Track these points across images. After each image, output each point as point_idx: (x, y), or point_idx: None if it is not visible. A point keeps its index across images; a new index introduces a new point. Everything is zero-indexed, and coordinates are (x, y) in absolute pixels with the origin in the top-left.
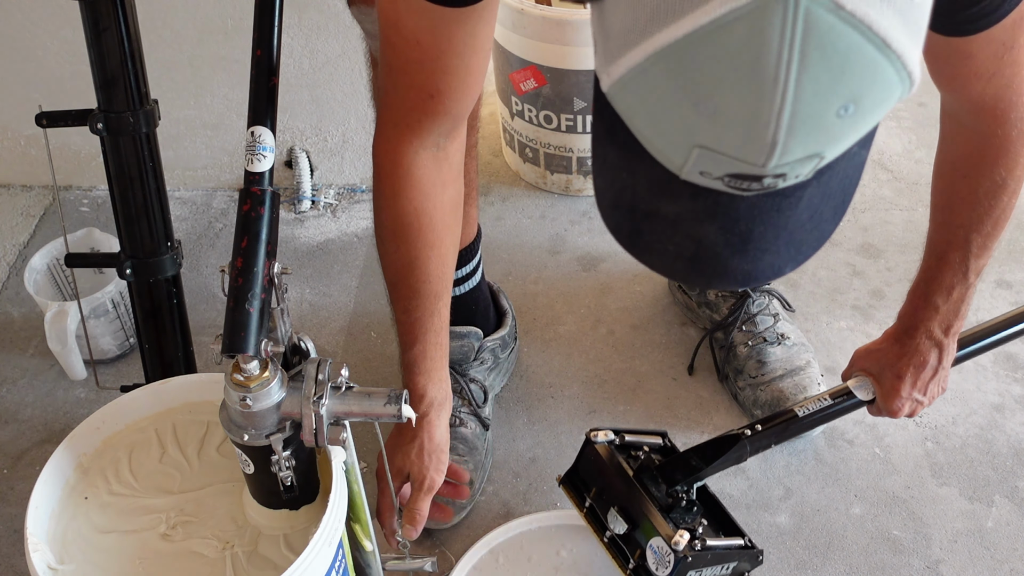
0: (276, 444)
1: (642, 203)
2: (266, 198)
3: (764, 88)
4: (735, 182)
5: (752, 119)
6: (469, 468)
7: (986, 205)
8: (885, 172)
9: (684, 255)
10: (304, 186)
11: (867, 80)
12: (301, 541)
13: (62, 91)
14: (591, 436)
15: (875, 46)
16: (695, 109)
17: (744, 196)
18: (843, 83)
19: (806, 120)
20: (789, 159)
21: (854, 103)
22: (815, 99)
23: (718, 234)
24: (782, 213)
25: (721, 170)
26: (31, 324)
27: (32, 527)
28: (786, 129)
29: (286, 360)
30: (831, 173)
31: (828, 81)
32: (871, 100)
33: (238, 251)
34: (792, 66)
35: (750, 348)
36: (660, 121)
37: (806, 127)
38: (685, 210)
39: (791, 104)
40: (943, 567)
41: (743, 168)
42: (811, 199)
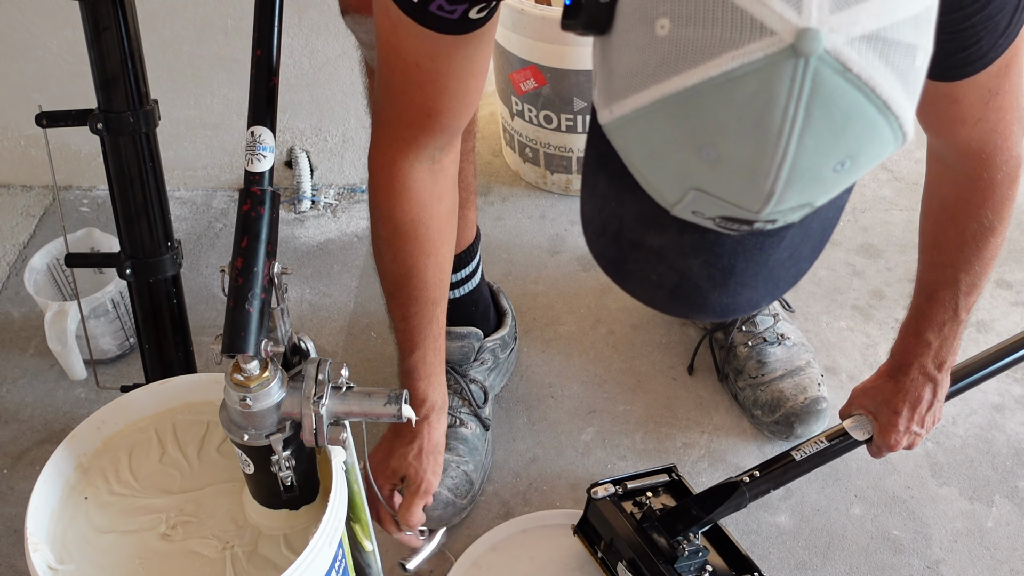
0: (276, 444)
1: (629, 233)
2: (266, 198)
3: (768, 141)
4: (726, 223)
5: (753, 169)
6: (469, 468)
7: (973, 247)
8: (885, 172)
9: (666, 286)
10: (304, 186)
11: (865, 139)
12: (301, 541)
13: (62, 91)
14: (591, 493)
15: (876, 107)
16: (697, 154)
17: (731, 235)
18: (843, 141)
19: (804, 173)
20: (782, 208)
21: (851, 159)
22: (815, 154)
23: (702, 268)
24: (764, 252)
25: (714, 212)
26: (31, 324)
27: (32, 527)
28: (784, 181)
29: (286, 360)
30: (814, 215)
31: (829, 138)
32: (866, 156)
33: (238, 251)
34: (797, 122)
35: (750, 348)
36: (659, 161)
37: (803, 180)
38: (671, 243)
39: (792, 158)
40: (943, 567)
41: (737, 213)
42: (793, 239)
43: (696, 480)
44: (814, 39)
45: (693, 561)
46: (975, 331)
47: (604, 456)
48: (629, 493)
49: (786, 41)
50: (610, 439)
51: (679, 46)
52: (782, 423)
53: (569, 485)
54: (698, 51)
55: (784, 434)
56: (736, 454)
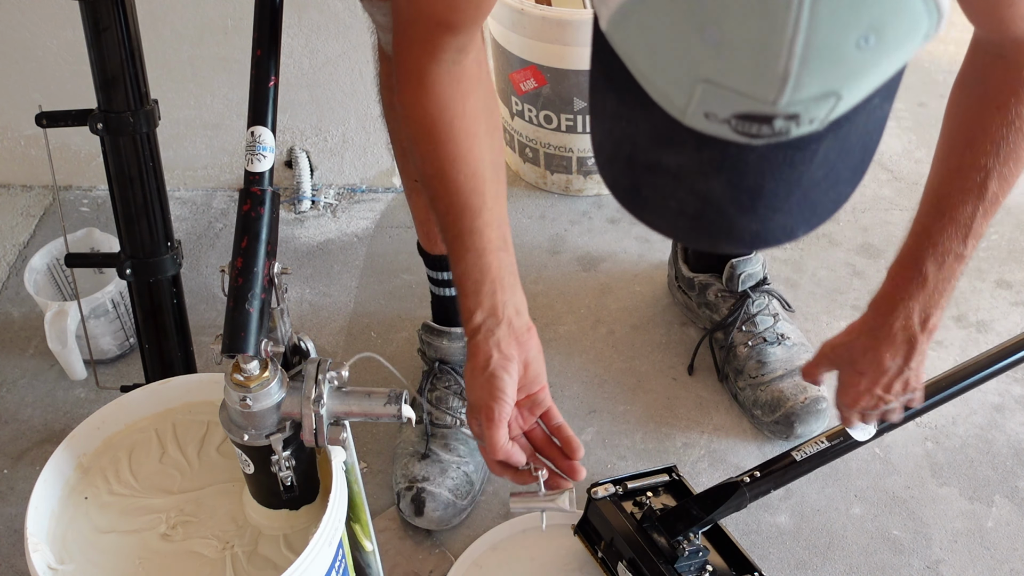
0: (276, 444)
1: (642, 155)
2: (266, 198)
3: (776, 12)
4: (743, 125)
5: (762, 48)
6: (469, 469)
7: (1012, 142)
8: (885, 172)
9: (687, 212)
10: (304, 186)
11: (890, 7)
12: (301, 541)
13: (62, 91)
14: (592, 493)
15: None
16: (700, 37)
17: (754, 147)
18: (864, 8)
19: (822, 50)
20: (803, 95)
21: (875, 33)
22: (832, 26)
23: (725, 189)
24: (795, 168)
25: (728, 109)
26: (31, 324)
27: (32, 527)
28: (800, 59)
29: (286, 360)
30: (849, 126)
31: (848, 5)
32: (895, 31)
33: (238, 251)
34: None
35: (750, 348)
36: (662, 55)
37: (822, 58)
38: (689, 162)
39: (805, 31)
40: (943, 567)
41: (752, 106)
42: (827, 154)
43: (696, 480)
44: None
45: (693, 561)
46: (975, 331)
47: (604, 456)
48: (629, 493)
49: None
50: (610, 439)
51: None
52: (782, 423)
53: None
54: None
55: (784, 434)
56: (736, 454)
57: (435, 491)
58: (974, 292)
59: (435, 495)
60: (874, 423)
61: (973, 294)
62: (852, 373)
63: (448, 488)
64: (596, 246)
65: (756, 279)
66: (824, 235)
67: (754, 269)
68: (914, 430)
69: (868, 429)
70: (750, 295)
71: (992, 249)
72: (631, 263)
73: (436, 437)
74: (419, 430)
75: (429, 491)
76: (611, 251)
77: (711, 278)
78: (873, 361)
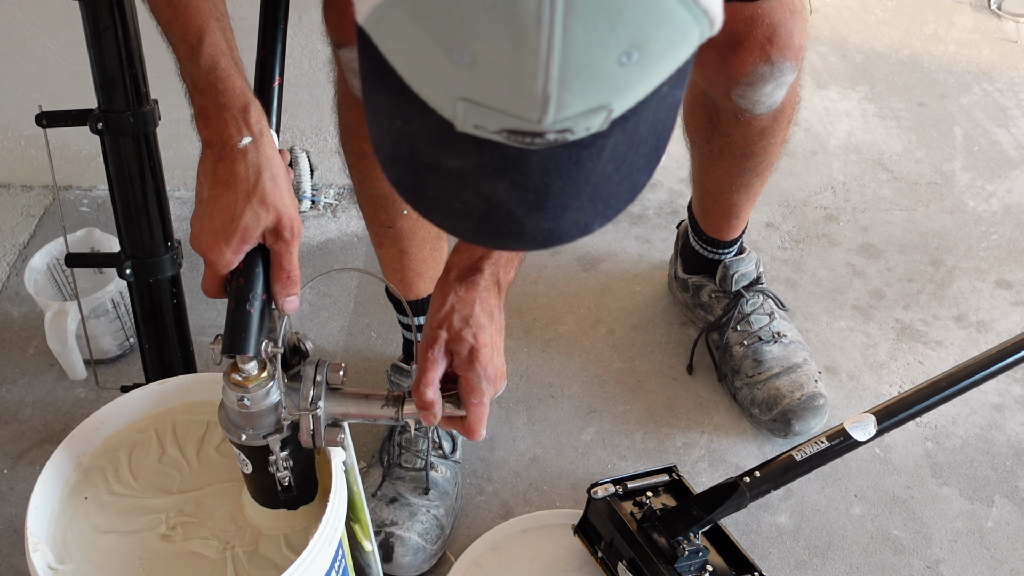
0: (274, 445)
1: (422, 155)
2: None
3: (526, 33)
4: (515, 137)
5: (516, 70)
6: (439, 513)
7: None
8: (885, 172)
9: (474, 214)
10: (304, 186)
11: (651, 22)
12: (302, 541)
13: (62, 91)
14: (592, 493)
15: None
16: (449, 58)
17: (535, 149)
18: (621, 26)
19: (580, 70)
20: (569, 113)
21: (638, 49)
22: (588, 45)
23: (510, 191)
24: (582, 165)
25: (495, 125)
26: (31, 324)
27: (32, 527)
28: (557, 81)
29: (285, 361)
30: (637, 118)
31: (604, 23)
32: (659, 44)
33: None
34: (557, 6)
35: (746, 347)
36: (418, 68)
37: (582, 78)
38: (470, 164)
39: (560, 51)
40: (943, 567)
41: (518, 124)
42: (616, 148)
43: (696, 480)
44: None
45: (693, 561)
46: (975, 331)
47: (604, 456)
48: (629, 493)
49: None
50: (610, 439)
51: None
52: (779, 420)
53: (569, 485)
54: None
55: (782, 431)
56: (736, 454)
57: (404, 536)
58: (974, 292)
59: (404, 540)
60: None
61: (973, 294)
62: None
63: (417, 532)
64: (596, 246)
65: (749, 279)
66: (824, 235)
67: (747, 269)
68: (914, 430)
69: (868, 429)
70: (744, 295)
71: (992, 249)
72: (631, 263)
73: (405, 480)
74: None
75: (398, 536)
76: (611, 251)
77: (704, 279)
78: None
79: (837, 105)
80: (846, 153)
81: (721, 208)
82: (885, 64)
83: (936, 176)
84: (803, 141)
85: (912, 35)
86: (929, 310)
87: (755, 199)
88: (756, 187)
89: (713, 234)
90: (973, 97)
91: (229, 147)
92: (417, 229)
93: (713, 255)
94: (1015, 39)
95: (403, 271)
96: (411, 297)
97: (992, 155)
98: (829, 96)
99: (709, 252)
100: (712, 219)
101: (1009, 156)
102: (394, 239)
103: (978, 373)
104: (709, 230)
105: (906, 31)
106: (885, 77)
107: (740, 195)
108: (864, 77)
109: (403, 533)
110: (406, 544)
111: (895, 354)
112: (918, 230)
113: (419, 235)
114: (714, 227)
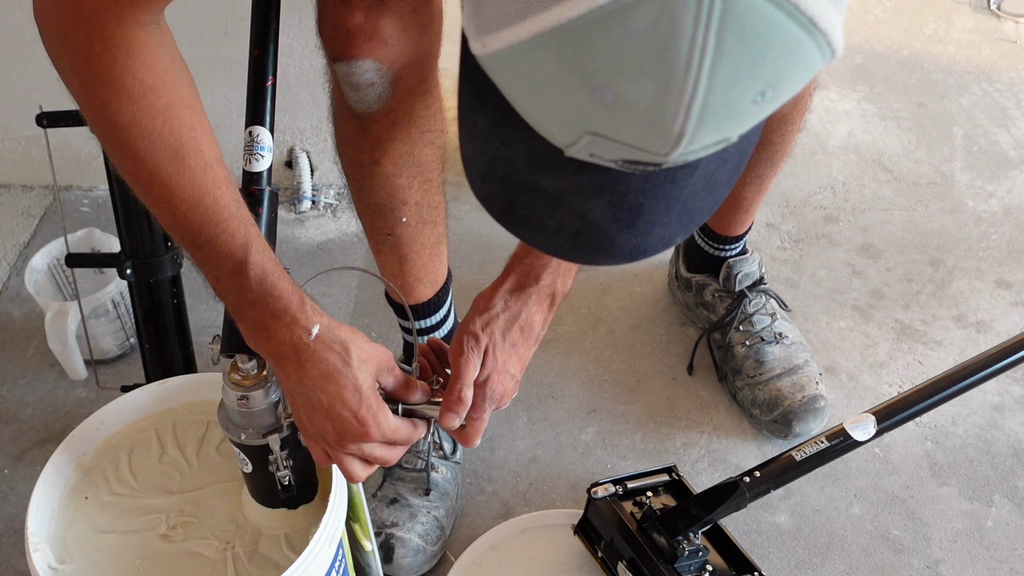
0: (273, 443)
1: (518, 175)
2: (264, 198)
3: (674, 78)
4: (630, 165)
5: (658, 111)
6: (440, 514)
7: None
8: (885, 172)
9: (566, 232)
10: (304, 186)
11: (789, 63)
12: (302, 541)
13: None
14: (592, 493)
15: (800, 25)
16: (589, 97)
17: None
18: (763, 68)
19: (719, 110)
20: (695, 147)
21: (773, 87)
22: (731, 88)
23: (605, 210)
24: (676, 184)
25: (616, 155)
26: (31, 324)
27: (33, 527)
28: (696, 120)
29: None
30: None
31: (747, 67)
32: (791, 81)
33: None
34: (707, 52)
35: (747, 348)
36: (546, 103)
37: (718, 117)
38: (569, 185)
39: (704, 94)
40: (943, 567)
41: (642, 156)
42: (707, 167)
43: (696, 480)
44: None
45: (693, 561)
46: (975, 331)
47: (604, 456)
48: (629, 493)
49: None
50: (610, 439)
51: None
52: (780, 422)
53: (569, 485)
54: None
55: (783, 433)
56: (736, 454)
57: (404, 537)
58: (974, 292)
59: (404, 541)
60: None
61: (973, 294)
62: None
63: (418, 534)
64: None
65: (753, 279)
66: (824, 235)
67: (751, 269)
68: (914, 430)
69: (868, 429)
70: (747, 295)
71: (992, 249)
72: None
73: (405, 481)
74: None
75: (398, 537)
76: None
77: (708, 278)
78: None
79: (837, 105)
80: (846, 153)
81: (730, 201)
82: (885, 64)
83: (936, 176)
84: (803, 141)
85: (912, 35)
86: (929, 310)
87: (764, 193)
88: (768, 179)
89: (720, 230)
90: (973, 97)
91: (304, 347)
92: (416, 236)
93: (718, 252)
94: (1015, 39)
95: (403, 277)
96: (411, 302)
97: (992, 155)
98: (829, 96)
99: (714, 249)
100: (720, 213)
101: (1009, 156)
102: (394, 246)
103: (978, 373)
104: (716, 226)
105: (906, 31)
106: (885, 77)
107: (752, 187)
108: (864, 77)
109: (404, 534)
110: (407, 545)
111: (895, 354)
112: (918, 230)
113: (418, 241)
114: (722, 222)
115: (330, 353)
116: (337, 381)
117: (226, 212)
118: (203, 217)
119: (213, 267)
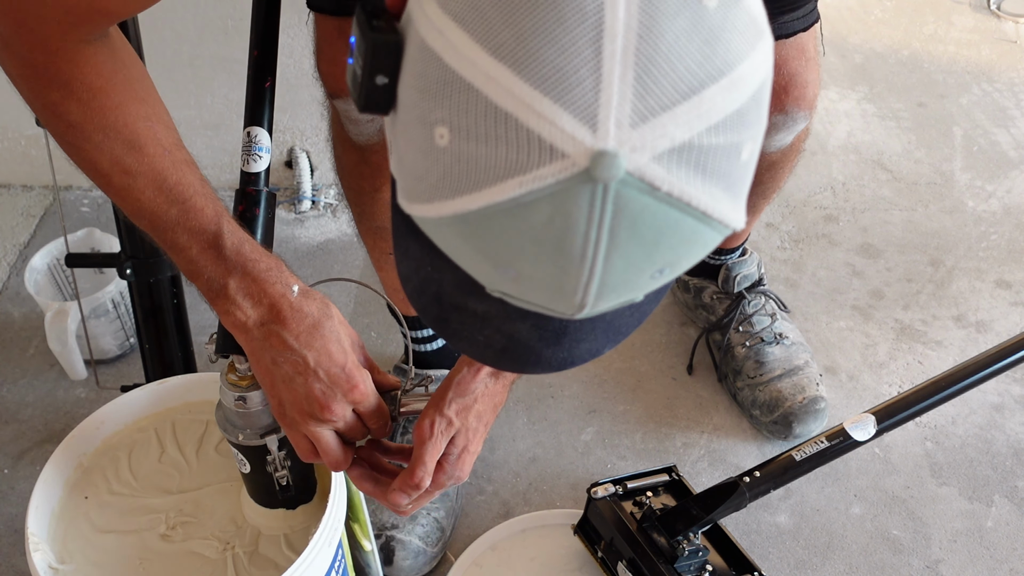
0: (271, 443)
1: (448, 298)
2: (261, 198)
3: (570, 263)
4: (545, 320)
5: (559, 287)
6: (440, 515)
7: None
8: (885, 172)
9: (495, 347)
10: (304, 186)
11: (684, 247)
12: (302, 541)
13: None
14: (591, 493)
15: (694, 218)
16: (495, 270)
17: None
18: (658, 254)
19: (617, 286)
20: (599, 310)
21: (669, 266)
22: (627, 270)
23: (532, 331)
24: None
25: (531, 308)
26: (31, 324)
27: (33, 527)
28: (595, 295)
29: None
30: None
31: (641, 254)
32: (688, 259)
33: None
34: (601, 245)
35: (748, 348)
36: (463, 261)
37: (618, 291)
38: (494, 310)
39: (600, 276)
40: (943, 567)
41: (552, 314)
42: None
43: (696, 480)
44: (611, 164)
45: (693, 561)
46: (975, 331)
47: (604, 456)
48: (629, 493)
49: (580, 165)
50: (610, 439)
51: (461, 162)
52: (780, 423)
53: (569, 485)
54: (482, 172)
55: (783, 434)
56: (736, 454)
57: (405, 539)
58: (974, 292)
59: (405, 543)
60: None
61: (973, 294)
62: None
63: (418, 536)
64: None
65: (752, 280)
66: (824, 235)
67: (749, 270)
68: (914, 430)
69: (868, 429)
70: (746, 296)
71: (992, 249)
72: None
73: None
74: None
75: (399, 539)
76: None
77: (706, 280)
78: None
79: (837, 105)
80: (846, 153)
81: None
82: (884, 64)
83: (935, 176)
84: None
85: (911, 35)
86: (929, 310)
87: (759, 216)
88: (761, 208)
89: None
90: (972, 97)
91: (288, 303)
92: None
93: (715, 260)
94: (1015, 39)
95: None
96: (412, 315)
97: (991, 155)
98: (829, 96)
99: (711, 258)
100: None
101: (1008, 156)
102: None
103: (977, 373)
104: None
105: (905, 31)
106: (884, 77)
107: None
108: (864, 77)
109: (404, 536)
110: (407, 548)
111: (895, 354)
112: (918, 230)
113: None
114: None
115: (312, 305)
116: (323, 334)
117: (191, 190)
118: (168, 197)
119: (184, 246)
